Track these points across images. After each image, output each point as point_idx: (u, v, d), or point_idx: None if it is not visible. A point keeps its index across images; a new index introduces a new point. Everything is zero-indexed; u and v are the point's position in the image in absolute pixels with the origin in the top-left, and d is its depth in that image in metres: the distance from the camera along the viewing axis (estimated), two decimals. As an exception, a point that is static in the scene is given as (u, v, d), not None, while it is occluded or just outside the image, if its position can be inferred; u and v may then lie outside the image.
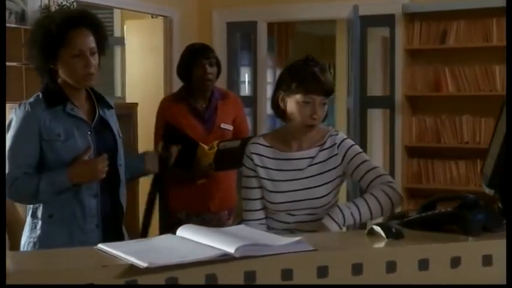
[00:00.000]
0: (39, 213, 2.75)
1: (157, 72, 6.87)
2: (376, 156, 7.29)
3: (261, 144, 2.78)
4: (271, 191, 2.72)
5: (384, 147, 6.96)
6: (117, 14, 8.65)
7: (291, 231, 2.70)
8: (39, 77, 2.83)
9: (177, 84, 6.96)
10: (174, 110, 3.86)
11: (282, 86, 2.73)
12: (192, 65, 3.80)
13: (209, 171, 3.72)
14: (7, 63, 4.29)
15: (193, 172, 3.71)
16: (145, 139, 4.82)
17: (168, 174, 3.85)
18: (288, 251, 1.87)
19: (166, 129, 3.75)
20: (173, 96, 4.04)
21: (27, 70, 4.51)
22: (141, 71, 6.97)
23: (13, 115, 2.73)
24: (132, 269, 1.71)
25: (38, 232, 2.74)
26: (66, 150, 2.70)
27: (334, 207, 2.65)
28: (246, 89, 8.54)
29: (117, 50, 8.69)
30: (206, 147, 3.63)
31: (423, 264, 1.97)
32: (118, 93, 8.78)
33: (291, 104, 2.68)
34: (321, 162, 2.75)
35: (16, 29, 4.50)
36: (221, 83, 7.14)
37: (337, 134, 2.80)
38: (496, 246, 2.07)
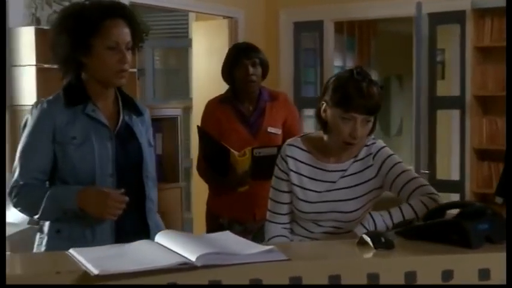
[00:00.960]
0: (46, 228, 2.47)
1: (221, 76, 6.82)
2: (451, 159, 7.01)
3: (299, 148, 2.61)
4: (300, 199, 2.58)
5: (454, 150, 6.67)
6: (192, 16, 8.70)
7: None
8: (62, 71, 2.50)
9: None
10: (219, 114, 3.68)
11: (326, 95, 2.53)
12: (233, 66, 3.65)
13: (245, 179, 3.47)
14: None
15: (229, 179, 3.49)
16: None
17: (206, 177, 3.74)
18: (258, 260, 1.79)
19: (199, 135, 3.62)
20: (219, 99, 3.79)
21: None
22: (207, 72, 6.96)
23: (29, 114, 2.47)
24: (85, 276, 1.66)
25: (43, 249, 2.42)
26: (80, 157, 2.40)
27: (366, 214, 2.49)
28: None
29: (191, 52, 8.74)
30: (237, 153, 3.40)
31: (410, 277, 1.84)
32: (192, 95, 8.84)
33: (332, 117, 2.48)
34: (354, 174, 2.56)
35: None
36: (287, 85, 7.11)
37: (374, 143, 2.59)
38: (495, 259, 1.91)
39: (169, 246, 1.85)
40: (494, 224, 2.02)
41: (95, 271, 1.64)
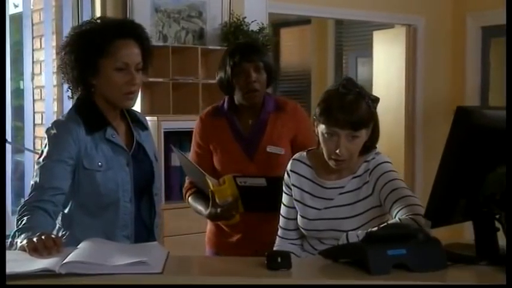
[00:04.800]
0: (64, 237, 2.35)
1: (399, 83, 6.67)
2: None
3: (303, 163, 2.51)
4: (301, 215, 2.51)
5: None
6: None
7: None
8: (71, 91, 2.44)
9: (419, 97, 6.73)
10: (211, 128, 2.98)
11: (316, 110, 2.41)
12: (232, 71, 2.89)
13: (230, 211, 2.74)
14: (184, 80, 4.60)
15: (210, 211, 2.78)
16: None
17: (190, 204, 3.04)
18: (125, 271, 1.80)
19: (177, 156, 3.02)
20: (213, 110, 3.04)
21: (204, 86, 4.67)
22: (385, 80, 6.84)
23: (51, 131, 2.35)
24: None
25: None
26: (105, 183, 2.33)
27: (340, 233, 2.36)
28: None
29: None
30: (213, 182, 2.73)
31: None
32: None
33: (319, 132, 2.36)
34: (352, 191, 2.40)
35: (193, 48, 4.72)
36: (474, 95, 6.69)
37: (373, 158, 2.41)
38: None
39: (75, 253, 1.92)
40: (415, 250, 1.81)
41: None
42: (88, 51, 2.32)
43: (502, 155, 1.79)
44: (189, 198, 2.96)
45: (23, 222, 2.17)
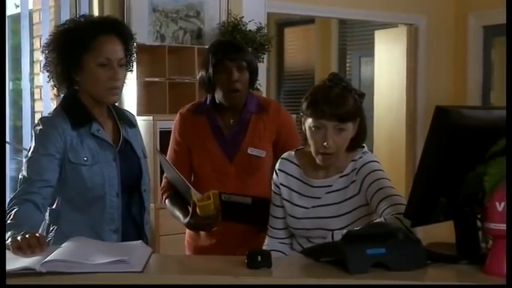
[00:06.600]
0: (52, 232, 2.39)
1: (400, 83, 6.67)
2: None
3: (290, 161, 2.52)
4: (289, 214, 2.52)
5: None
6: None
7: None
8: (57, 88, 2.48)
9: (421, 96, 6.72)
10: (191, 124, 2.89)
11: (302, 105, 2.43)
12: (214, 70, 2.79)
13: (210, 225, 2.63)
14: (181, 80, 4.62)
15: (189, 221, 2.66)
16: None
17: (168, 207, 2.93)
18: (105, 270, 1.81)
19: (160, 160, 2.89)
20: (194, 106, 2.95)
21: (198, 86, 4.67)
22: (387, 80, 6.83)
23: (37, 127, 2.38)
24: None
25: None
26: (91, 178, 2.36)
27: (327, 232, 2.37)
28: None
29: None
30: (199, 196, 2.57)
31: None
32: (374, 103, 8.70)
33: (306, 127, 2.39)
34: (339, 190, 2.41)
35: (189, 48, 4.75)
36: (475, 93, 6.68)
37: (361, 157, 2.42)
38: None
39: (64, 251, 1.94)
40: (394, 250, 1.81)
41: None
42: (71, 48, 2.36)
43: (481, 154, 1.79)
44: (166, 200, 2.88)
45: (10, 218, 2.19)
